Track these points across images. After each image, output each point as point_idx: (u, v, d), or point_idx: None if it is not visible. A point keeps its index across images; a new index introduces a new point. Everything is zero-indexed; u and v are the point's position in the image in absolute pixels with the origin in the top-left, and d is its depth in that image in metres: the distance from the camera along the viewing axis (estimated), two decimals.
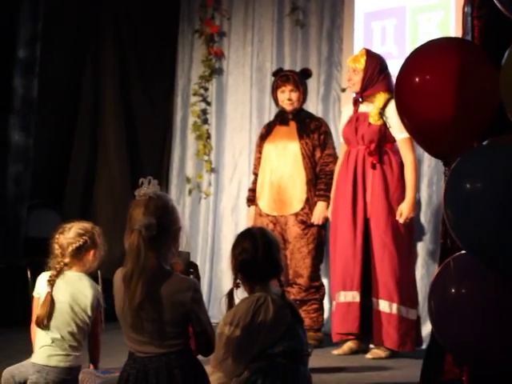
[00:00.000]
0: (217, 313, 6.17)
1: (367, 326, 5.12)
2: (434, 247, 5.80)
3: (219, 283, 7.00)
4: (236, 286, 3.33)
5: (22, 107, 6.77)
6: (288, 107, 5.66)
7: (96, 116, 7.51)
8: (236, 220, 7.09)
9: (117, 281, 2.92)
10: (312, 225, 5.53)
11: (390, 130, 5.15)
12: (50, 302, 3.68)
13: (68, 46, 7.36)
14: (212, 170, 7.32)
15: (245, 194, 6.83)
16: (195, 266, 3.14)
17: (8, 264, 6.00)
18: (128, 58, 7.62)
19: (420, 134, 2.94)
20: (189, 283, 2.89)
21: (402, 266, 5.05)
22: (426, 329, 5.36)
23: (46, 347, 3.69)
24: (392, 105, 5.09)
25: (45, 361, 3.67)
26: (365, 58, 5.26)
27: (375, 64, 5.25)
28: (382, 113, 5.16)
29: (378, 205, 5.12)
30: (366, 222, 5.16)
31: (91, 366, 3.83)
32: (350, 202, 5.21)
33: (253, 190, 5.82)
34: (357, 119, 5.29)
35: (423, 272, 5.83)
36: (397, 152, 5.19)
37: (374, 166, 5.16)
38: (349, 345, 5.24)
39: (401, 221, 5.02)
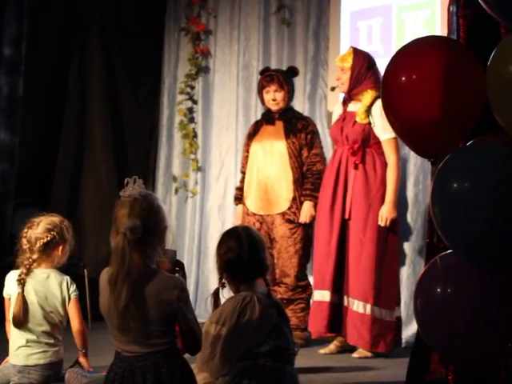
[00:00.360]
0: (203, 312, 6.16)
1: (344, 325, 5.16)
2: (420, 246, 5.80)
3: (206, 282, 6.99)
4: (222, 285, 3.33)
5: (8, 106, 6.73)
6: (273, 107, 5.66)
7: (82, 115, 7.48)
8: (223, 219, 7.08)
9: (102, 281, 2.91)
10: (299, 224, 5.53)
11: (374, 129, 5.15)
12: (23, 302, 3.66)
13: (54, 44, 7.33)
14: (198, 169, 7.31)
15: (231, 192, 6.83)
16: (181, 265, 3.12)
17: None
18: (114, 56, 7.59)
19: (406, 134, 2.94)
20: (175, 282, 2.88)
21: (380, 267, 5.06)
22: (412, 328, 5.37)
23: (22, 348, 3.68)
24: (377, 104, 5.10)
25: (23, 361, 3.67)
26: (352, 56, 5.27)
27: (362, 61, 5.26)
28: (368, 111, 5.16)
29: (357, 205, 5.14)
30: (345, 221, 5.17)
31: (81, 358, 3.80)
32: (329, 202, 5.24)
33: (240, 189, 5.82)
34: (344, 119, 5.30)
35: (409, 271, 5.83)
36: (382, 153, 5.18)
37: (356, 166, 5.17)
38: (335, 344, 5.26)
39: (382, 224, 5.03)
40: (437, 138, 2.82)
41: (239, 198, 5.82)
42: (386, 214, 5.04)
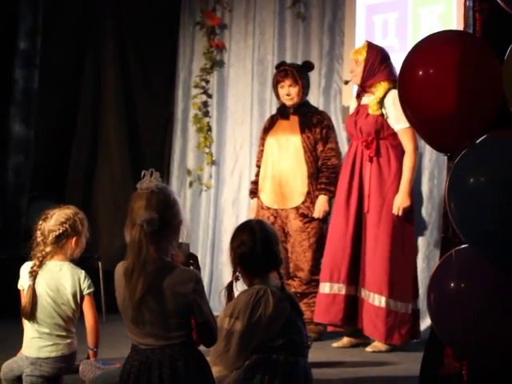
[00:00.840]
0: (217, 305, 6.16)
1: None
2: (435, 241, 5.79)
3: (220, 275, 7.00)
4: (235, 278, 3.34)
5: (23, 98, 6.76)
6: (288, 102, 5.67)
7: (97, 108, 7.50)
8: (237, 212, 7.09)
9: (118, 274, 2.92)
10: (313, 218, 5.53)
11: (388, 120, 5.15)
12: (32, 295, 3.67)
13: (69, 37, 7.35)
14: (213, 163, 7.32)
15: (246, 186, 6.84)
16: (195, 258, 3.13)
17: (8, 255, 6.01)
18: (129, 50, 7.61)
19: (423, 128, 2.94)
20: (190, 274, 2.89)
21: (395, 259, 5.06)
22: (427, 322, 5.37)
23: (34, 339, 3.69)
24: (390, 95, 5.11)
25: (36, 353, 3.67)
26: (366, 49, 5.29)
27: (376, 54, 5.27)
28: (381, 103, 5.16)
29: (372, 198, 5.14)
30: (363, 215, 5.18)
31: (91, 357, 3.82)
32: (344, 195, 5.25)
33: (255, 183, 5.83)
34: (357, 112, 5.31)
35: (424, 266, 5.82)
36: (396, 145, 5.18)
37: (370, 159, 5.17)
38: (349, 338, 5.26)
39: (395, 213, 5.03)
40: (453, 133, 2.81)
41: (254, 192, 5.83)
42: (399, 202, 5.04)
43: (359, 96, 5.38)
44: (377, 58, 5.25)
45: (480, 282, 2.67)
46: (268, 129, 5.81)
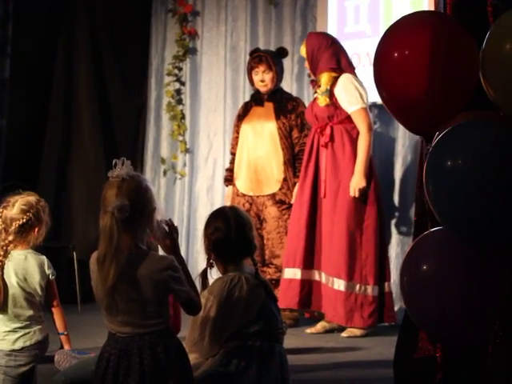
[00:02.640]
0: None
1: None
2: (409, 225, 5.82)
3: (195, 263, 6.99)
4: (210, 265, 3.34)
5: None
6: (262, 88, 5.67)
7: (69, 96, 7.45)
8: (212, 200, 7.08)
9: (92, 263, 2.91)
10: (290, 205, 5.54)
11: (342, 105, 5.20)
12: (2, 285, 3.64)
13: (40, 25, 7.27)
14: (187, 151, 7.30)
15: (220, 174, 6.83)
16: (171, 224, 3.08)
17: None
18: (101, 37, 7.55)
19: (399, 111, 2.94)
20: (167, 262, 2.88)
21: (354, 242, 5.09)
22: (400, 306, 5.41)
23: (7, 333, 3.66)
24: (339, 84, 5.19)
25: (10, 346, 3.65)
26: (305, 42, 5.41)
27: (313, 45, 5.34)
28: (327, 93, 5.19)
29: (328, 183, 5.20)
30: (319, 200, 5.24)
31: (63, 342, 3.80)
32: (301, 182, 5.34)
33: (230, 170, 5.83)
34: (314, 100, 5.40)
35: (398, 250, 5.85)
36: (351, 129, 5.21)
37: (325, 145, 5.22)
38: (322, 324, 5.29)
39: (352, 194, 5.06)
40: (429, 115, 2.81)
41: (229, 180, 5.82)
42: (354, 183, 5.08)
43: (314, 87, 5.48)
44: (314, 47, 5.33)
45: (454, 264, 2.68)
46: (242, 116, 5.80)
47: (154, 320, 2.85)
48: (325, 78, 5.22)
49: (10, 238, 3.69)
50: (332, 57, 5.26)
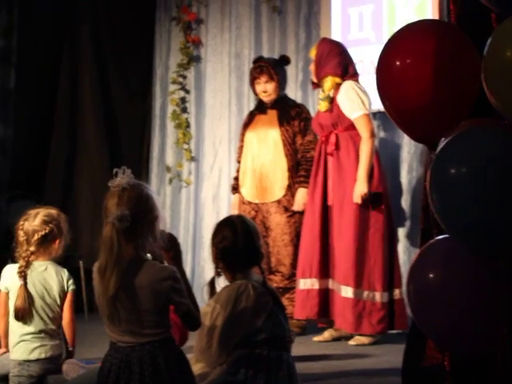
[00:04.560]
0: (199, 302, 6.15)
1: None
2: (415, 233, 5.81)
3: (201, 272, 6.99)
4: (217, 274, 3.34)
5: (0, 97, 6.73)
6: (265, 99, 5.68)
7: (74, 105, 7.47)
8: (217, 208, 7.08)
9: (94, 273, 2.91)
10: (294, 212, 5.54)
11: (345, 113, 5.19)
12: (26, 295, 3.65)
13: (45, 35, 7.31)
14: (192, 159, 7.31)
15: (226, 182, 6.84)
16: (174, 240, 3.08)
17: None
18: (105, 46, 7.58)
19: (402, 119, 2.94)
20: (168, 272, 2.86)
21: (361, 249, 5.08)
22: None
23: (23, 342, 3.67)
24: (342, 91, 5.19)
25: (25, 356, 3.66)
26: (316, 45, 5.40)
27: (324, 49, 5.33)
28: (329, 98, 5.20)
29: (335, 191, 5.19)
30: (328, 208, 5.23)
31: (73, 357, 3.81)
32: (311, 191, 5.33)
33: (236, 178, 5.83)
34: (319, 110, 5.38)
35: (405, 258, 5.83)
36: (355, 137, 5.20)
37: (330, 153, 5.21)
38: (329, 332, 5.28)
39: (355, 201, 5.05)
40: (432, 123, 2.81)
41: (235, 188, 5.83)
42: (357, 190, 5.06)
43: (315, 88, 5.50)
44: (325, 51, 5.31)
45: (461, 272, 2.68)
46: (247, 124, 5.81)
47: (153, 329, 2.84)
48: (328, 83, 5.23)
49: (32, 248, 3.71)
50: (339, 64, 5.26)
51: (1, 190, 6.74)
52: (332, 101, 5.21)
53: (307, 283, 5.22)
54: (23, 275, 3.67)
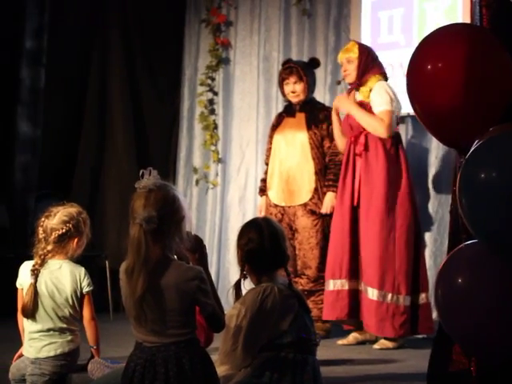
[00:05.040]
0: (224, 304, 6.15)
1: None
2: (441, 238, 5.78)
3: (226, 274, 7.00)
4: (243, 276, 3.33)
5: (30, 98, 6.79)
6: (293, 99, 5.67)
7: (103, 106, 7.51)
8: (243, 210, 7.08)
9: (121, 273, 2.92)
10: (321, 215, 5.53)
11: (372, 107, 5.22)
12: (34, 293, 3.66)
13: (75, 36, 7.35)
14: (219, 161, 7.32)
15: (252, 184, 6.84)
16: (200, 242, 3.08)
17: (15, 254, 6.01)
18: (135, 47, 7.61)
19: (432, 123, 2.92)
20: (194, 272, 2.87)
21: (385, 251, 5.07)
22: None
23: (33, 340, 3.69)
24: (375, 88, 5.24)
25: (34, 353, 3.67)
26: (357, 46, 5.38)
27: (367, 52, 5.37)
28: (367, 93, 5.26)
29: (362, 192, 5.19)
30: (357, 210, 5.22)
31: (94, 355, 3.81)
32: (340, 192, 5.31)
33: (264, 181, 5.84)
34: None
35: (431, 263, 5.80)
36: (385, 141, 5.20)
37: (359, 155, 5.22)
38: (354, 335, 5.27)
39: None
40: (462, 128, 2.80)
41: (263, 190, 5.83)
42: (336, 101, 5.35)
43: (350, 93, 5.44)
44: (368, 55, 5.35)
45: (489, 277, 2.66)
46: (276, 126, 5.81)
47: (179, 330, 2.84)
48: (377, 79, 5.27)
49: (49, 247, 3.72)
50: (383, 67, 5.38)
51: (29, 189, 6.79)
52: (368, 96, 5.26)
53: (337, 284, 5.20)
54: (35, 273, 3.68)
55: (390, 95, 5.21)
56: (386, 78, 5.33)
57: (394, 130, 5.24)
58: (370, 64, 5.31)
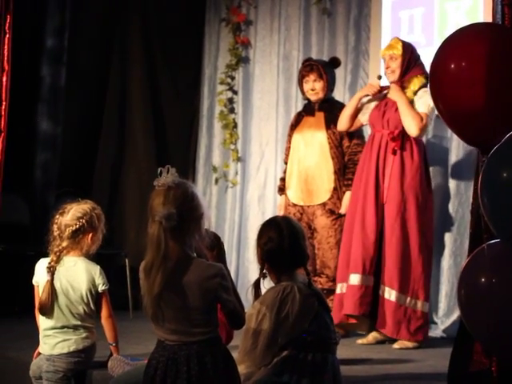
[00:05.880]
0: (244, 303, 6.16)
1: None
2: (462, 238, 5.75)
3: (246, 273, 7.00)
4: (262, 275, 3.33)
5: (50, 96, 6.82)
6: (312, 97, 5.66)
7: (123, 105, 7.53)
8: (263, 209, 7.08)
9: (141, 271, 2.92)
10: (340, 215, 5.51)
11: (415, 103, 5.18)
12: (51, 290, 3.68)
13: (95, 35, 7.37)
14: (239, 159, 7.32)
15: (272, 183, 6.84)
16: (218, 239, 3.09)
17: (36, 251, 6.04)
18: (155, 46, 7.63)
19: (455, 122, 2.92)
20: (216, 269, 2.87)
21: (408, 254, 5.05)
22: (451, 320, 5.37)
23: (47, 337, 3.72)
24: (422, 90, 5.18)
25: (49, 350, 3.70)
26: (401, 44, 5.29)
27: (411, 50, 5.30)
28: (413, 94, 5.20)
29: (392, 191, 5.13)
30: (382, 206, 5.17)
31: (113, 352, 3.83)
32: (364, 185, 5.22)
33: (283, 180, 5.83)
34: (386, 103, 5.30)
35: (450, 262, 5.78)
36: (420, 141, 5.19)
37: (394, 152, 5.17)
38: (373, 334, 5.24)
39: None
40: (485, 127, 2.79)
41: (282, 189, 5.83)
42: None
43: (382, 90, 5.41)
44: (412, 53, 5.28)
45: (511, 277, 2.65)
46: (295, 125, 5.81)
47: (201, 328, 2.85)
48: (420, 81, 5.23)
49: (64, 244, 3.74)
50: (424, 65, 5.26)
51: (49, 187, 6.81)
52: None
53: (364, 279, 5.10)
54: (52, 270, 3.70)
55: (432, 104, 5.15)
56: (427, 79, 5.23)
57: (424, 134, 5.21)
58: (412, 63, 5.25)
